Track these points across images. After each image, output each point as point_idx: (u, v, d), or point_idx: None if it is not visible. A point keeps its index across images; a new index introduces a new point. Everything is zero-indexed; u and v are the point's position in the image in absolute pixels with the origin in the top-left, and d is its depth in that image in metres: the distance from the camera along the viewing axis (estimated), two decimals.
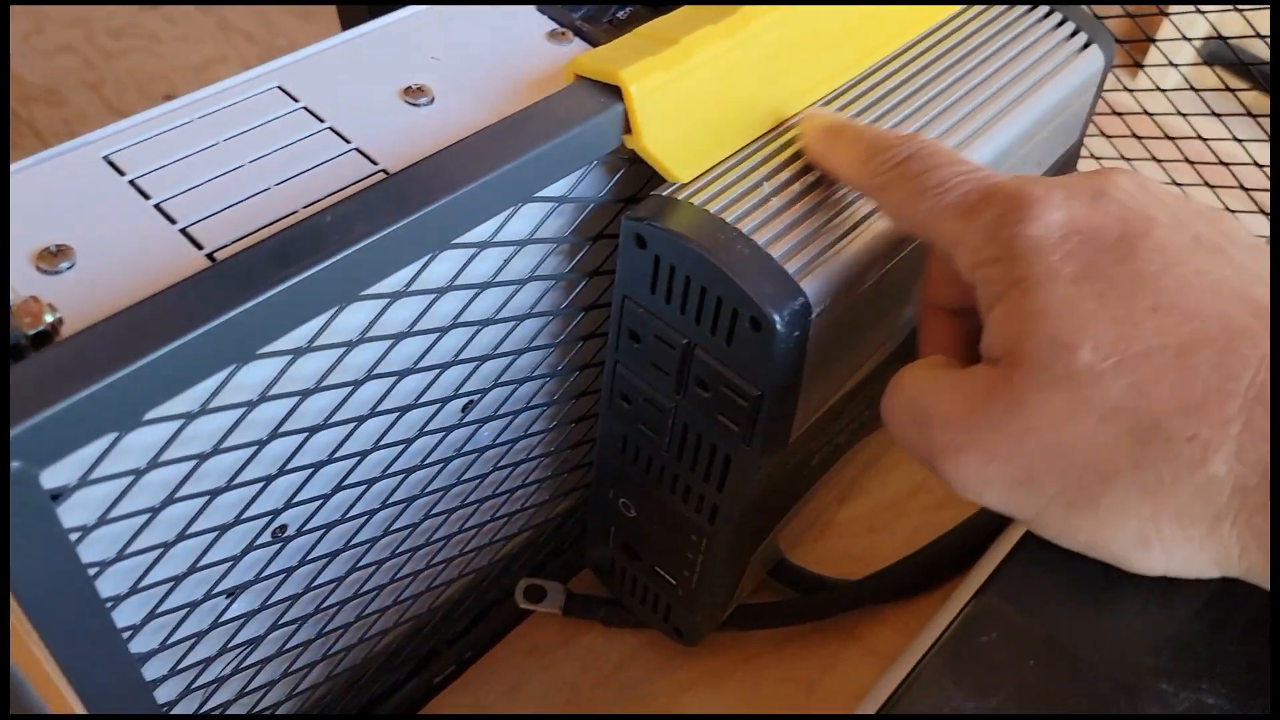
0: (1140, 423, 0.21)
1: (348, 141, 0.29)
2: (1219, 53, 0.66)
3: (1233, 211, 0.53)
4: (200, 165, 0.28)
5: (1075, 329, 0.22)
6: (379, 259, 0.25)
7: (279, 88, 0.30)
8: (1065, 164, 0.41)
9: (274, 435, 0.26)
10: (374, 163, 0.28)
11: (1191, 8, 0.49)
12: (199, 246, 0.26)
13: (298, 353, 0.25)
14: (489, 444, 0.34)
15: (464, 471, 0.34)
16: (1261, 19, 0.46)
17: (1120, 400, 0.21)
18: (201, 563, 0.28)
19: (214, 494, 0.26)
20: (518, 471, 0.37)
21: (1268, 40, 0.47)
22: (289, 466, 0.28)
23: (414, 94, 0.30)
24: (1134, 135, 0.55)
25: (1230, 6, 0.48)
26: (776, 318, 0.27)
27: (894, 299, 0.32)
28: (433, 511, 0.34)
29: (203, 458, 0.25)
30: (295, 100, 0.30)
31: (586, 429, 0.39)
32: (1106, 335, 0.22)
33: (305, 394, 0.26)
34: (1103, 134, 0.55)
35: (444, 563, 0.37)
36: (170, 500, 0.25)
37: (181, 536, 0.26)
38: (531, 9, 0.34)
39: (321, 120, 0.29)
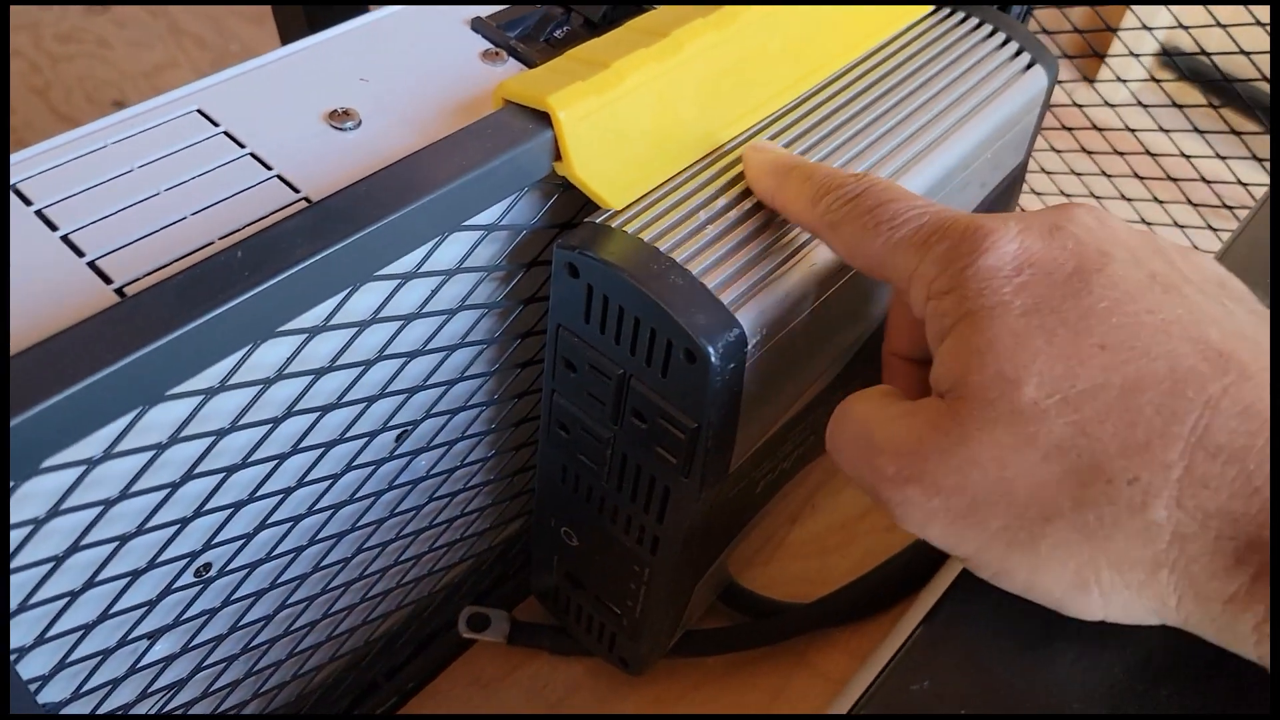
0: (1082, 462, 0.21)
1: (269, 168, 0.28)
2: (1170, 68, 0.67)
3: (1180, 226, 0.53)
4: (112, 194, 0.27)
5: (1021, 364, 0.22)
6: (294, 294, 0.24)
7: (199, 111, 0.29)
8: (1011, 183, 0.40)
9: (188, 477, 0.25)
10: (296, 190, 0.27)
11: (1139, 24, 0.50)
12: (108, 281, 0.25)
13: (210, 393, 0.24)
14: (424, 475, 0.33)
15: (398, 503, 0.33)
16: (1207, 37, 0.46)
17: (1063, 438, 0.21)
18: (116, 608, 0.26)
19: (122, 540, 0.25)
20: (456, 501, 0.36)
21: (1213, 59, 0.47)
22: (207, 507, 0.27)
23: (340, 118, 0.29)
24: (1084, 150, 0.55)
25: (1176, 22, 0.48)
26: (711, 350, 0.27)
27: (834, 327, 0.32)
28: (366, 545, 0.33)
29: (109, 504, 0.24)
30: (215, 124, 0.29)
31: (529, 454, 0.39)
32: (1051, 371, 0.21)
33: (220, 434, 0.25)
34: (1053, 149, 0.55)
35: (380, 596, 0.36)
36: (76, 548, 0.24)
37: (89, 584, 0.25)
38: (466, 29, 0.33)
39: (242, 145, 0.28)
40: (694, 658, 0.42)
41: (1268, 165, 0.49)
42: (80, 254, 0.25)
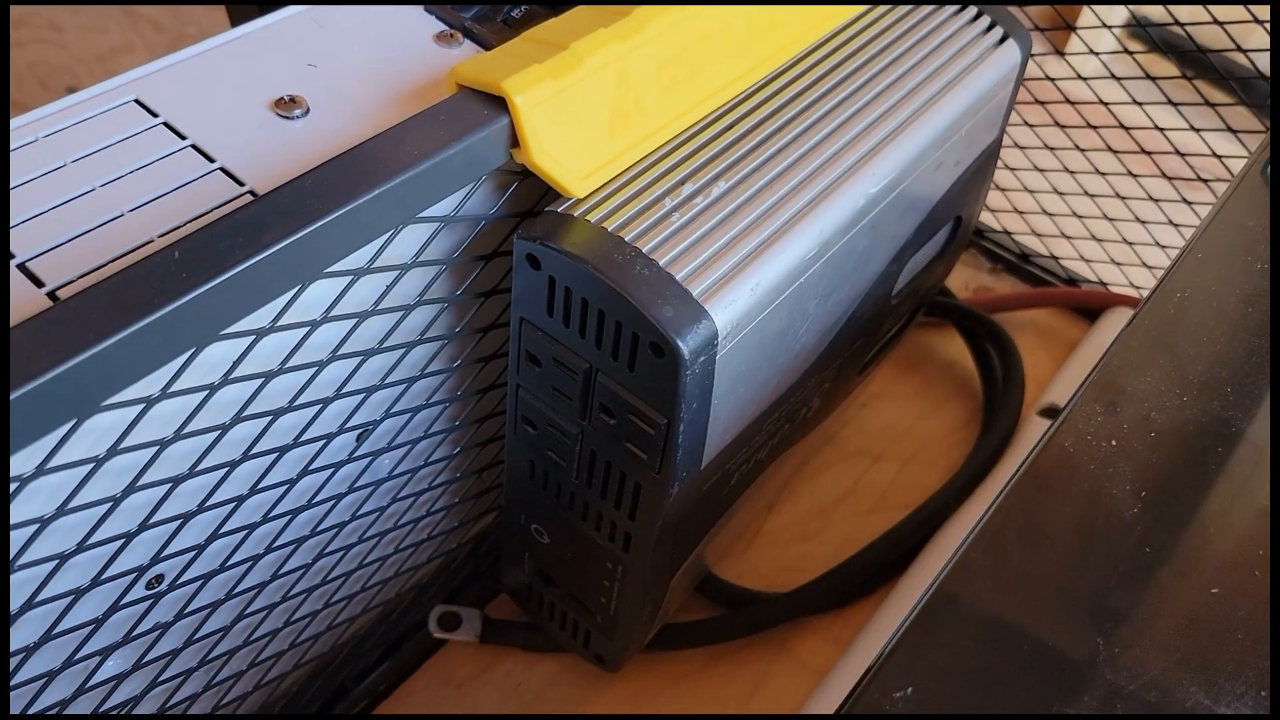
0: None
1: (212, 160, 0.26)
2: (1141, 39, 0.66)
3: (1155, 201, 0.53)
4: (43, 191, 0.25)
5: None
6: (237, 296, 0.22)
7: (136, 101, 0.28)
8: (986, 159, 0.39)
9: (130, 490, 0.24)
10: (240, 183, 0.26)
11: None
12: (39, 284, 0.23)
13: (150, 402, 0.23)
14: (387, 475, 0.32)
15: (360, 506, 0.32)
16: (1179, 8, 0.45)
17: None
18: (60, 627, 0.25)
19: (63, 557, 0.23)
20: (422, 500, 0.35)
21: (1186, 29, 0.46)
22: (154, 519, 0.25)
23: (286, 106, 0.28)
24: (1057, 124, 0.54)
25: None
26: (680, 343, 0.26)
27: (808, 314, 0.31)
28: (328, 550, 0.32)
29: (45, 521, 0.22)
30: (154, 115, 0.28)
31: (498, 449, 0.38)
32: None
33: (164, 444, 0.24)
34: (1025, 123, 0.55)
35: (346, 600, 0.35)
36: (13, 568, 0.23)
37: (29, 605, 0.24)
38: (419, 9, 0.32)
39: (183, 137, 0.27)
40: (672, 651, 0.42)
41: (1241, 136, 0.49)
42: (10, 255, 0.24)
